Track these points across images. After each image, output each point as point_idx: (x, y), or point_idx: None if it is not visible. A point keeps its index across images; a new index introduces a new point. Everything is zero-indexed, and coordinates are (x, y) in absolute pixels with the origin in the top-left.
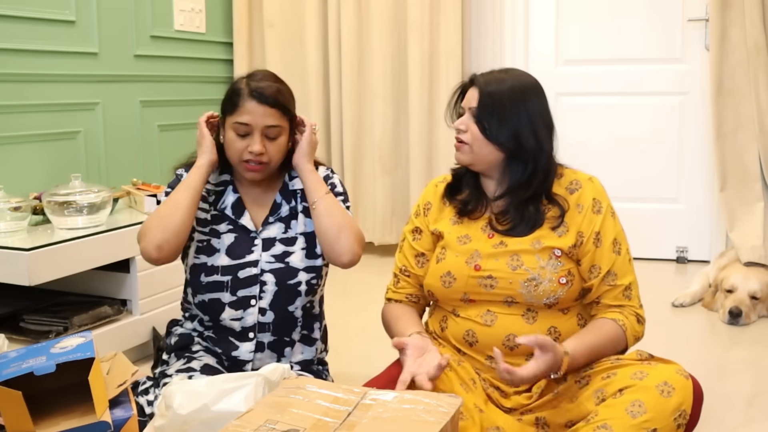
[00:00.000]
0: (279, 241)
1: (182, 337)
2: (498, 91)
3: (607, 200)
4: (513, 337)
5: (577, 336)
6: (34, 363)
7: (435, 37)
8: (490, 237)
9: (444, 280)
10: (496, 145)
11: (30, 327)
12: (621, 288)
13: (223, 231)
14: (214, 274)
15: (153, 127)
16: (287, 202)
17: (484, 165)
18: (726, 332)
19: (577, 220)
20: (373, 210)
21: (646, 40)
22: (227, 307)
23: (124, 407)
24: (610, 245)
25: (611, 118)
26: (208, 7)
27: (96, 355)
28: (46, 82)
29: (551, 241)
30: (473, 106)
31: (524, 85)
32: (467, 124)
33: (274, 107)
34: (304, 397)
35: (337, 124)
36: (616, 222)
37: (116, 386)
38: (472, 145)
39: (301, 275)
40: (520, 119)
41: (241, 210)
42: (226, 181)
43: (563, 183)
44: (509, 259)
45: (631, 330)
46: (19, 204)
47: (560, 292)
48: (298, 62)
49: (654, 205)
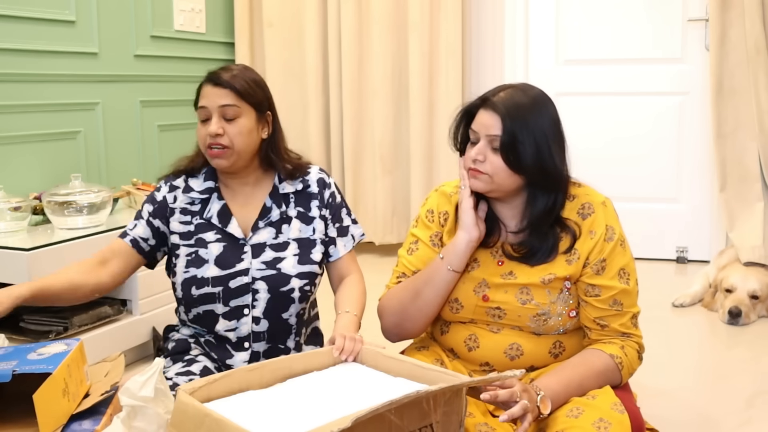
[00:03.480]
0: (269, 247)
1: (179, 342)
2: (521, 118)
3: (620, 227)
4: (517, 347)
5: (559, 372)
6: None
7: (435, 37)
8: (499, 264)
9: (451, 306)
10: (521, 175)
11: (30, 327)
12: (629, 315)
13: (211, 240)
14: (205, 286)
15: (153, 127)
16: (278, 206)
17: (504, 193)
18: (726, 332)
19: (587, 246)
20: (374, 210)
21: (646, 40)
22: (221, 318)
23: (95, 419)
24: (615, 274)
25: (611, 118)
26: (208, 7)
27: (88, 362)
28: (46, 82)
29: (561, 271)
30: (493, 134)
31: (542, 105)
32: (485, 154)
33: (227, 88)
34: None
35: (337, 124)
36: (625, 251)
37: (100, 394)
38: (493, 176)
39: (294, 281)
40: (544, 146)
41: (227, 217)
42: (211, 188)
43: (575, 206)
44: (518, 292)
45: (628, 368)
46: (19, 204)
47: (569, 325)
48: (298, 62)
49: (654, 205)
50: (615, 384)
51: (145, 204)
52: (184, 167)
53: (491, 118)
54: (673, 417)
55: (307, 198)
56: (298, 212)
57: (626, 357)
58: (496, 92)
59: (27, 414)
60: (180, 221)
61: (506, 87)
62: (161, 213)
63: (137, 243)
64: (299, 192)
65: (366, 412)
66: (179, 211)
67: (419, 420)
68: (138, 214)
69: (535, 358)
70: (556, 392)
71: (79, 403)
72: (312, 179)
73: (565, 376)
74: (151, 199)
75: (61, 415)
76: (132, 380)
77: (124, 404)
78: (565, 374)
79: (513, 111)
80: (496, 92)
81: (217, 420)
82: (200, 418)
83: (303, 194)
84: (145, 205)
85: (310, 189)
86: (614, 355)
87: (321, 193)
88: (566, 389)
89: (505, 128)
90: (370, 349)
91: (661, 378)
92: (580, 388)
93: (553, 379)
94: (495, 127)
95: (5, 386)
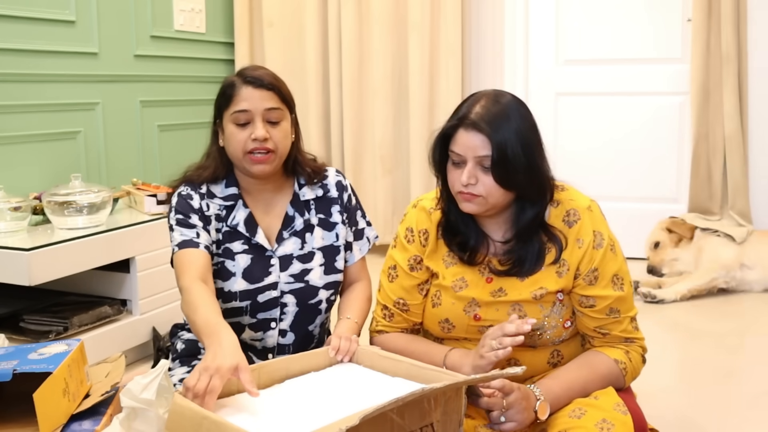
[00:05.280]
0: (296, 259)
1: (189, 344)
2: (505, 132)
3: (608, 231)
4: (514, 362)
5: (562, 375)
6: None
7: (435, 37)
8: (488, 282)
9: (443, 326)
10: (513, 190)
11: (30, 327)
12: (628, 320)
13: (238, 251)
14: (232, 300)
15: (153, 127)
16: (300, 215)
17: (496, 210)
18: (726, 332)
19: (576, 256)
20: (374, 210)
21: (646, 40)
22: (247, 329)
23: (95, 420)
24: (608, 283)
25: (611, 118)
26: (208, 7)
27: (88, 362)
28: (46, 82)
29: (552, 285)
30: (481, 154)
31: (520, 113)
32: (476, 175)
33: (271, 90)
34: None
35: (337, 124)
36: (616, 256)
37: (100, 394)
38: (487, 197)
39: (321, 293)
40: (531, 155)
41: (254, 227)
42: (235, 194)
43: (560, 213)
44: (510, 309)
45: (632, 373)
46: (19, 204)
47: (565, 335)
48: (298, 62)
49: (654, 205)
50: (617, 388)
51: (184, 214)
52: (208, 176)
53: (476, 138)
54: (673, 417)
55: (328, 204)
56: (319, 219)
57: (630, 363)
58: (470, 108)
59: (27, 414)
60: (215, 228)
61: (478, 99)
62: (205, 221)
63: (209, 249)
64: (319, 198)
65: (372, 410)
66: (214, 218)
67: (420, 419)
68: (186, 224)
69: (535, 369)
70: (557, 396)
71: (80, 403)
72: (331, 183)
73: (568, 379)
74: (190, 208)
75: (61, 414)
76: (134, 381)
77: (125, 405)
78: (568, 378)
79: (496, 126)
80: (470, 108)
81: (216, 422)
82: (198, 421)
83: (323, 200)
84: (191, 214)
85: (330, 194)
86: (619, 361)
87: (341, 196)
88: (568, 393)
89: (493, 146)
90: (366, 349)
91: (661, 378)
92: (583, 391)
93: (556, 382)
94: (481, 147)
95: (5, 386)
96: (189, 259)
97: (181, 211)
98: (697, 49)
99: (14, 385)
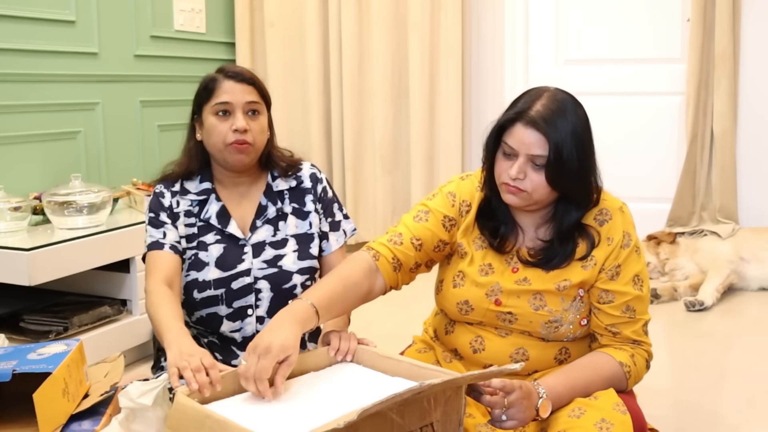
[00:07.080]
0: (269, 245)
1: None
2: (564, 134)
3: (635, 234)
4: (523, 351)
5: (565, 373)
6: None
7: (435, 37)
8: (514, 271)
9: (461, 308)
10: (560, 191)
11: (30, 327)
12: (642, 323)
13: (210, 242)
14: (207, 289)
15: (153, 127)
16: (273, 204)
17: (537, 206)
18: (726, 332)
19: (604, 252)
20: (374, 210)
21: (646, 40)
22: (225, 320)
23: (94, 420)
24: (629, 280)
25: (611, 118)
26: (208, 7)
27: (88, 362)
28: (46, 82)
29: (576, 276)
30: (536, 153)
31: (578, 115)
32: (525, 171)
33: (252, 85)
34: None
35: (337, 124)
36: (640, 258)
37: (99, 394)
38: (532, 194)
39: (296, 278)
40: (585, 160)
41: (226, 218)
42: (208, 189)
43: (593, 212)
44: (531, 298)
45: (635, 377)
46: (19, 204)
47: (579, 333)
48: (298, 62)
49: (654, 205)
50: (620, 391)
51: (155, 212)
52: (181, 172)
53: (533, 136)
54: (673, 417)
55: (302, 193)
56: (293, 208)
57: (635, 366)
58: (530, 104)
59: (27, 414)
60: (185, 224)
61: (539, 95)
62: (174, 218)
63: (176, 248)
64: (293, 189)
65: (371, 406)
66: (183, 214)
67: (420, 419)
68: (155, 223)
69: (540, 363)
70: (560, 394)
71: (79, 404)
72: (305, 175)
73: (572, 378)
74: (160, 206)
75: (60, 414)
76: (134, 384)
77: (123, 406)
78: (571, 377)
79: (555, 128)
80: (530, 104)
81: (219, 421)
82: (201, 420)
83: (297, 190)
84: (161, 213)
85: (303, 185)
86: (623, 363)
87: (314, 187)
88: (571, 392)
89: (550, 147)
90: (365, 349)
91: (660, 378)
92: (586, 391)
93: (559, 380)
94: (537, 146)
95: (5, 386)
96: (155, 262)
97: (153, 209)
98: (693, 48)
99: (14, 385)
